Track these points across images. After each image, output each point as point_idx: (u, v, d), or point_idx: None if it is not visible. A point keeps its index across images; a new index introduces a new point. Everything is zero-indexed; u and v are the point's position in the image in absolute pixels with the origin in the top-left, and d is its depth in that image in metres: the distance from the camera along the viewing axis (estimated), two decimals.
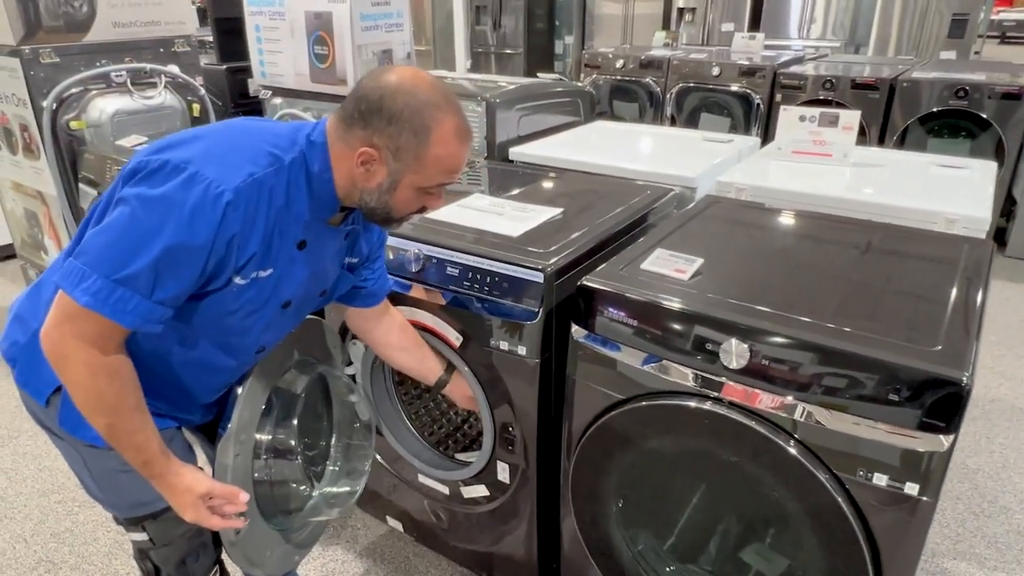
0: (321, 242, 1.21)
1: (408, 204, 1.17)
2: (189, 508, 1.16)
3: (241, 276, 1.09)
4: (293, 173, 1.10)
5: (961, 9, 6.68)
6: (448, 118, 1.10)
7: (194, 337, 1.16)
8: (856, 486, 1.18)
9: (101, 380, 1.04)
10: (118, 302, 0.99)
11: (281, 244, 1.12)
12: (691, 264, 1.45)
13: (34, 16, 2.54)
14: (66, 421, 1.17)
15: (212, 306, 1.11)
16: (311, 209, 1.14)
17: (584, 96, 2.96)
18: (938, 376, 1.07)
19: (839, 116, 2.19)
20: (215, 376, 1.26)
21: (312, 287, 1.26)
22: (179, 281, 1.02)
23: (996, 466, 2.41)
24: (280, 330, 1.29)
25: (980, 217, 1.73)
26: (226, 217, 1.01)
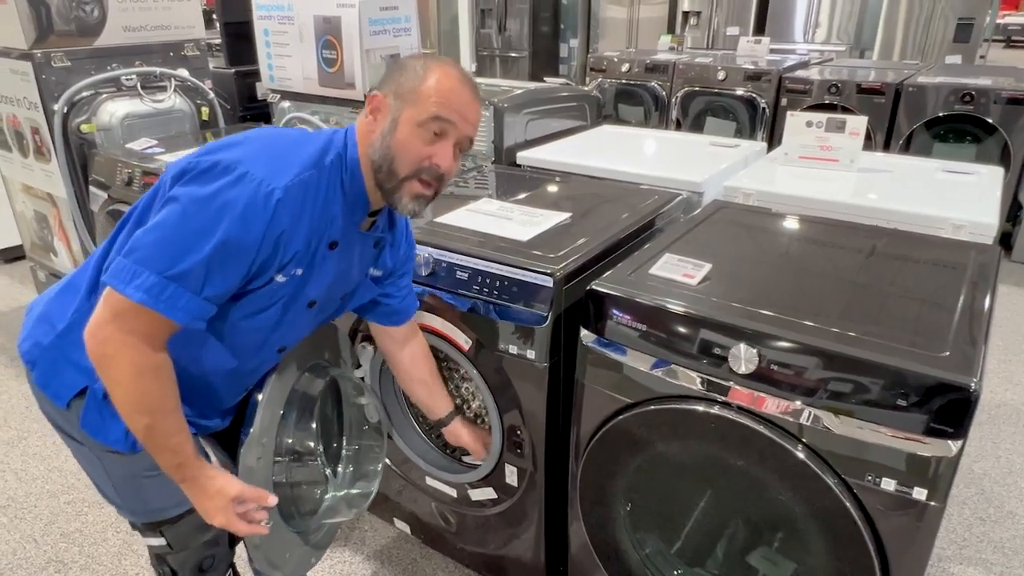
0: (351, 245, 1.23)
1: (409, 144, 1.13)
2: (219, 512, 1.16)
3: (283, 274, 1.12)
4: (332, 174, 1.14)
5: (966, 13, 6.68)
6: (449, 65, 1.17)
7: (225, 335, 1.17)
8: (864, 491, 1.19)
9: (147, 379, 1.05)
10: (171, 298, 1.00)
11: (316, 244, 1.15)
12: (700, 269, 1.46)
13: (46, 20, 2.56)
14: (88, 425, 1.17)
15: (248, 304, 1.13)
16: (344, 210, 1.17)
17: (591, 100, 2.98)
18: (946, 381, 1.08)
19: (846, 122, 2.19)
20: (240, 377, 1.27)
21: (336, 289, 1.28)
22: (227, 278, 1.05)
23: (1002, 471, 2.41)
24: (301, 330, 1.30)
25: (987, 223, 1.73)
26: (276, 214, 1.04)
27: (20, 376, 3.04)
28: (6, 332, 3.42)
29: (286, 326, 1.23)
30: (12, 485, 2.38)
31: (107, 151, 2.62)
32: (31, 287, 3.64)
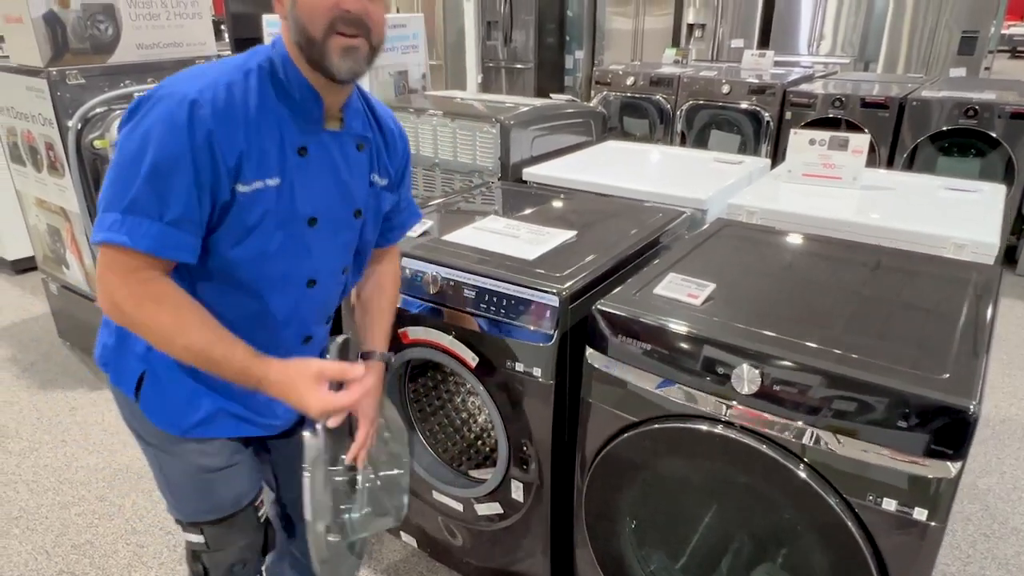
0: (326, 149, 1.20)
1: (310, 4, 1.07)
2: (311, 395, 1.11)
3: (242, 183, 1.09)
4: (262, 76, 1.12)
5: (970, 26, 6.71)
6: None
7: (231, 272, 1.16)
8: (866, 510, 1.20)
9: (149, 308, 1.07)
10: (131, 228, 1.03)
11: (279, 150, 1.13)
12: (703, 289, 1.49)
13: (61, 39, 2.61)
14: (148, 407, 1.24)
15: (231, 229, 1.11)
16: (294, 109, 1.14)
17: (596, 116, 3.01)
18: (946, 404, 1.10)
19: (849, 140, 2.22)
20: (276, 328, 1.24)
21: (338, 203, 1.24)
22: (179, 195, 1.04)
23: (1007, 487, 2.42)
24: (323, 257, 1.25)
25: (988, 243, 1.75)
26: (193, 115, 1.03)
27: (31, 387, 3.08)
28: (18, 343, 3.47)
29: (296, 252, 1.19)
30: (24, 496, 2.41)
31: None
32: (42, 298, 3.69)
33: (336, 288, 1.34)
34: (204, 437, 1.27)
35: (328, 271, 1.28)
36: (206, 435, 1.27)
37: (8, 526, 2.27)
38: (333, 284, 1.31)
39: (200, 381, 1.24)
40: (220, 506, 1.33)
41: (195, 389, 1.24)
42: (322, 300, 1.31)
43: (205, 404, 1.25)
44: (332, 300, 1.35)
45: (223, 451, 1.31)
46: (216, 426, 1.28)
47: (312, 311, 1.30)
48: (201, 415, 1.25)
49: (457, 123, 2.62)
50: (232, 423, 1.29)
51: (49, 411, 2.90)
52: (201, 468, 1.29)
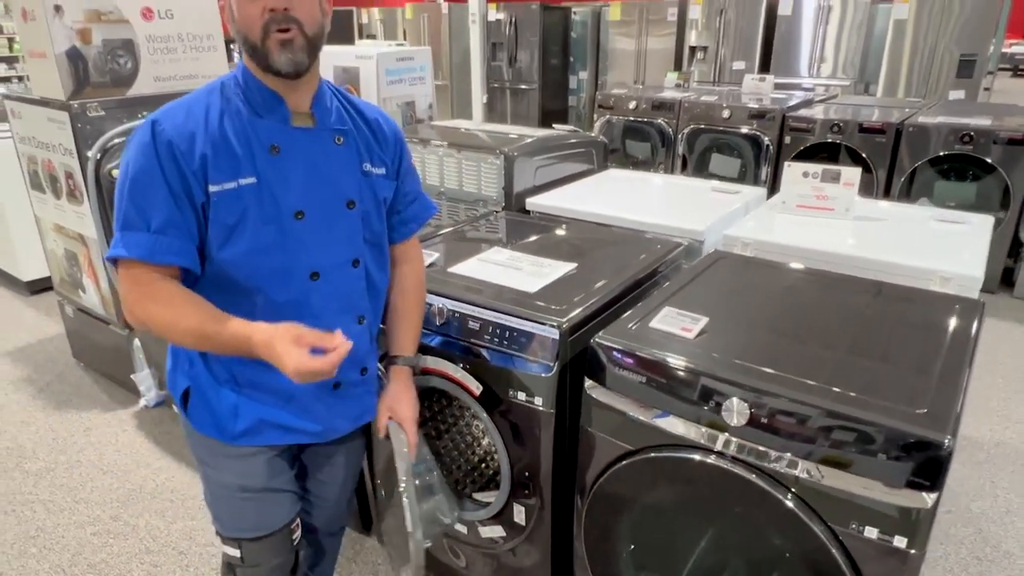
0: (300, 146, 1.28)
1: (244, 12, 1.17)
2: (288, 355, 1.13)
3: (212, 183, 1.20)
4: (227, 90, 1.25)
5: (969, 50, 6.81)
6: None
7: (230, 272, 1.25)
8: (849, 538, 1.27)
9: (150, 306, 1.21)
10: (127, 241, 1.19)
11: (249, 151, 1.22)
12: (697, 323, 1.56)
13: (83, 73, 2.72)
14: (195, 417, 1.37)
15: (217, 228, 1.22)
16: (258, 111, 1.24)
17: (597, 145, 3.10)
18: (922, 438, 1.16)
19: (840, 172, 2.30)
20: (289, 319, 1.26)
21: (325, 195, 1.30)
22: (158, 204, 1.18)
23: (1000, 511, 2.46)
24: (323, 249, 1.31)
25: (973, 276, 1.82)
26: (155, 132, 1.18)
27: (47, 408, 3.16)
28: (32, 364, 3.55)
29: (289, 245, 1.27)
30: (41, 516, 2.48)
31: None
32: (56, 319, 3.78)
33: (352, 282, 1.38)
34: (251, 445, 1.37)
35: (332, 263, 1.34)
36: (252, 443, 1.37)
37: (26, 545, 2.34)
38: (344, 277, 1.36)
39: (241, 393, 1.35)
40: (258, 525, 1.43)
41: (237, 401, 1.35)
42: (335, 293, 1.35)
43: (247, 415, 1.35)
44: (352, 294, 1.39)
45: (264, 473, 1.41)
46: (261, 435, 1.38)
47: (326, 305, 1.34)
48: (245, 425, 1.36)
49: (463, 154, 2.71)
50: (276, 433, 1.38)
51: (64, 431, 2.98)
52: (243, 488, 1.40)
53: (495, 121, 10.24)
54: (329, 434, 1.46)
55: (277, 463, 1.43)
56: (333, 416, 1.44)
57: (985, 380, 3.34)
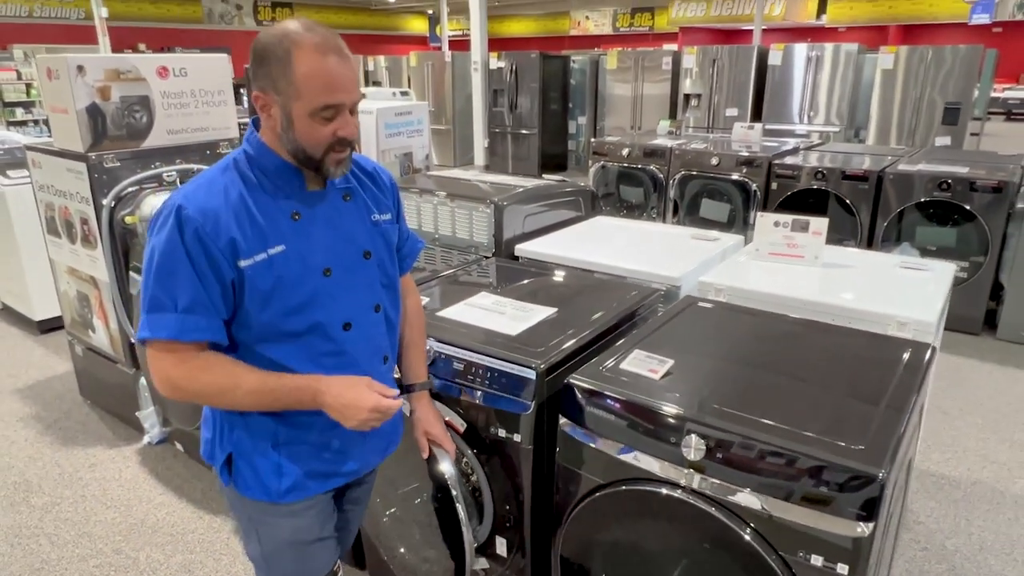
0: (317, 209, 1.35)
1: (312, 134, 1.25)
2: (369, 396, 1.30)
3: (243, 258, 1.25)
4: (240, 166, 1.30)
5: (953, 98, 7.04)
6: (307, 38, 1.21)
7: (268, 332, 1.31)
8: (798, 565, 1.37)
9: (203, 377, 1.27)
10: (154, 323, 1.24)
11: (274, 222, 1.29)
12: (663, 365, 1.68)
13: (101, 127, 2.90)
14: (241, 484, 1.40)
15: (252, 296, 1.27)
16: (275, 183, 1.31)
17: (585, 194, 3.26)
18: (858, 471, 1.28)
19: (809, 222, 2.44)
20: (333, 371, 1.36)
21: (345, 250, 1.38)
22: (184, 286, 1.23)
23: (974, 548, 2.53)
24: (351, 300, 1.39)
25: (927, 321, 1.94)
26: (180, 216, 1.22)
27: (54, 444, 3.27)
28: (40, 401, 3.67)
29: (323, 301, 1.34)
30: (46, 549, 2.57)
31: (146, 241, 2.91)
32: (65, 357, 3.91)
33: (376, 326, 1.46)
34: (297, 500, 1.42)
35: (360, 312, 1.41)
36: (299, 498, 1.42)
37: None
38: (370, 323, 1.44)
39: (282, 452, 1.40)
40: (310, 573, 1.50)
41: (279, 460, 1.40)
42: (365, 339, 1.42)
43: (291, 472, 1.40)
44: (379, 339, 1.47)
45: (316, 525, 1.47)
46: (305, 489, 1.42)
47: (360, 351, 1.41)
48: (290, 481, 1.40)
49: (455, 203, 2.87)
50: (317, 482, 1.44)
51: (70, 467, 3.08)
52: (297, 542, 1.46)
53: (497, 165, 10.49)
54: (364, 470, 1.54)
55: (325, 512, 1.50)
56: (366, 453, 1.51)
57: (965, 420, 3.43)
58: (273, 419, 1.37)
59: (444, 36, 16.96)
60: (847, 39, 7.61)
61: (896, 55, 7.26)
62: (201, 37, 19.65)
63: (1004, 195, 4.16)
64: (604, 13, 24.21)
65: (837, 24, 19.51)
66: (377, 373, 1.44)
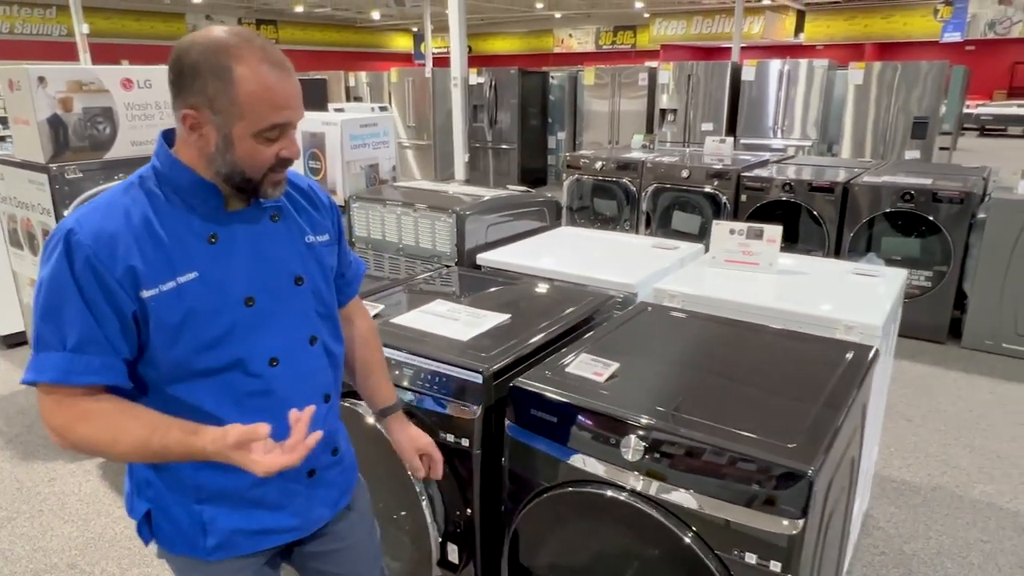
0: (238, 231, 1.20)
1: (255, 156, 1.12)
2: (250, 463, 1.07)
3: (147, 288, 1.10)
4: (147, 183, 1.15)
5: (921, 113, 7.17)
6: (247, 52, 1.08)
7: (195, 370, 1.16)
8: (734, 564, 1.38)
9: (82, 428, 1.10)
10: (39, 364, 1.09)
11: (183, 247, 1.14)
12: (608, 368, 1.69)
13: (63, 138, 2.90)
14: (164, 540, 1.26)
15: (159, 329, 1.12)
16: (189, 202, 1.15)
17: (550, 204, 3.28)
18: (788, 469, 1.29)
19: (764, 229, 2.47)
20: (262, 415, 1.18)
21: (272, 276, 1.23)
22: (73, 322, 1.07)
23: (931, 552, 2.55)
24: (278, 332, 1.24)
25: (873, 324, 1.97)
26: (69, 243, 1.07)
27: (13, 459, 3.22)
28: (4, 415, 3.62)
29: (242, 335, 1.19)
30: None
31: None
32: None
33: (312, 360, 1.29)
34: (228, 558, 1.27)
35: (290, 345, 1.25)
36: (225, 557, 1.26)
37: None
38: (304, 357, 1.27)
39: (206, 508, 1.24)
40: None
41: (203, 516, 1.24)
42: (298, 376, 1.26)
43: (217, 529, 1.24)
44: (317, 375, 1.31)
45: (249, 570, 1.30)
46: (236, 547, 1.26)
47: (292, 389, 1.25)
48: (217, 539, 1.24)
49: (418, 212, 2.88)
50: (251, 540, 1.27)
51: (29, 481, 3.04)
52: None
53: (478, 180, 10.54)
54: (310, 526, 1.34)
55: (264, 573, 1.33)
56: (312, 506, 1.33)
57: (928, 427, 3.46)
58: (195, 469, 1.21)
59: (428, 53, 17.10)
60: (824, 57, 7.74)
61: (866, 71, 7.40)
62: None
63: (966, 206, 4.23)
64: (587, 31, 24.56)
65: (814, 42, 19.93)
66: (317, 414, 1.23)
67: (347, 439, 1.45)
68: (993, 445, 3.28)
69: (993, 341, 4.30)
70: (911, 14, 18.23)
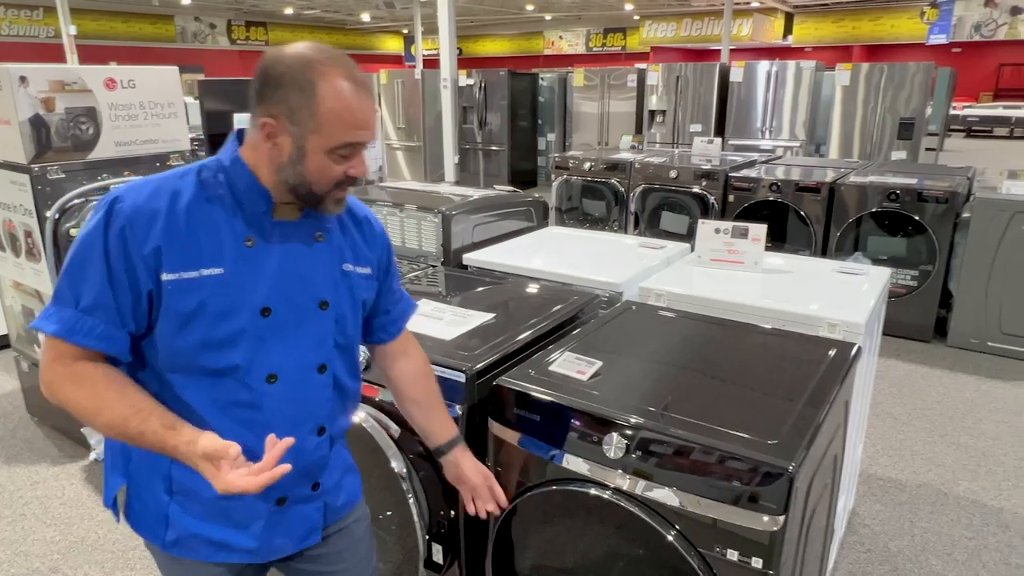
0: (276, 241, 1.20)
1: (324, 172, 1.15)
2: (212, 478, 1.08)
3: (168, 272, 1.11)
4: (205, 174, 1.17)
5: (907, 114, 7.22)
6: (332, 69, 1.11)
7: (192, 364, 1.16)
8: (716, 561, 1.38)
9: (68, 389, 1.12)
10: (50, 314, 1.11)
11: (217, 241, 1.15)
12: (591, 366, 1.69)
13: (45, 139, 2.87)
14: (132, 519, 1.26)
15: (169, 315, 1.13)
16: (238, 201, 1.17)
17: (536, 205, 3.28)
18: (769, 465, 1.29)
19: (749, 228, 2.48)
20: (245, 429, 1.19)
21: (296, 293, 1.22)
22: (91, 284, 1.09)
23: (916, 548, 2.57)
24: (285, 350, 1.21)
25: (855, 322, 1.98)
26: (112, 209, 1.10)
27: None
28: None
29: (247, 343, 1.17)
30: None
31: None
32: (14, 375, 3.82)
33: (314, 389, 1.26)
34: (185, 558, 1.25)
35: (293, 366, 1.22)
36: (182, 556, 1.25)
37: None
38: (306, 383, 1.24)
39: (173, 500, 1.22)
40: None
41: (167, 508, 1.23)
42: (293, 400, 1.23)
43: (177, 525, 1.23)
44: (313, 402, 1.27)
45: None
46: (191, 549, 1.24)
47: (280, 411, 1.22)
48: (175, 535, 1.23)
49: (404, 212, 2.87)
50: (207, 548, 1.25)
51: (11, 485, 3.00)
52: None
53: (468, 181, 10.53)
54: (267, 554, 1.29)
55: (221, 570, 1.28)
56: (273, 534, 1.28)
57: (914, 425, 3.48)
58: (170, 460, 1.18)
59: (418, 55, 17.08)
60: (812, 59, 7.79)
61: (853, 72, 7.45)
62: (174, 56, 19.56)
63: (951, 205, 4.26)
64: (577, 33, 24.61)
65: (803, 44, 20.04)
66: (305, 444, 1.24)
67: (347, 476, 1.40)
68: (978, 443, 3.30)
69: (978, 340, 4.33)
70: (898, 16, 18.37)
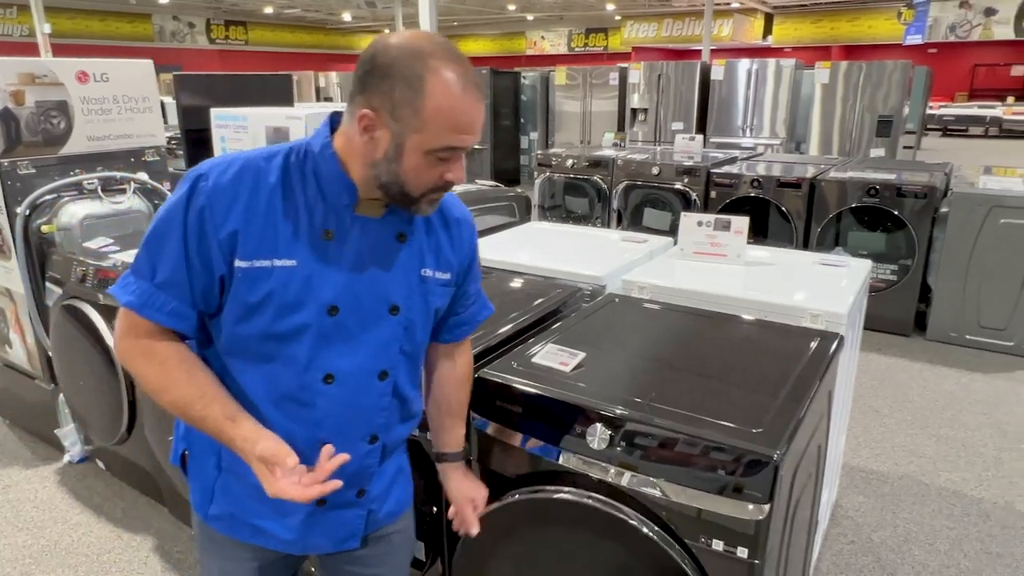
0: (355, 237, 1.15)
1: (420, 173, 1.08)
2: (264, 480, 1.09)
3: (240, 258, 1.08)
4: (292, 159, 1.12)
5: (885, 112, 7.29)
6: (446, 65, 1.02)
7: (251, 354, 1.14)
8: (701, 551, 1.36)
9: (139, 362, 1.12)
10: (126, 284, 1.10)
11: (295, 232, 1.11)
12: (574, 358, 1.67)
13: (15, 133, 2.80)
14: (191, 483, 1.29)
15: (235, 303, 1.11)
16: (322, 191, 1.12)
17: (520, 200, 3.26)
18: (753, 453, 1.28)
19: (731, 221, 2.47)
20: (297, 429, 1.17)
21: (366, 295, 1.17)
22: (168, 260, 1.08)
23: (899, 539, 2.58)
24: (347, 352, 1.17)
25: (838, 312, 1.98)
26: (195, 187, 1.07)
27: None
28: None
29: (310, 340, 1.14)
30: None
31: (65, 250, 2.81)
32: None
33: (373, 396, 1.22)
34: (223, 534, 1.26)
35: (353, 370, 1.18)
36: (220, 531, 1.26)
37: None
38: (364, 388, 1.20)
39: (220, 476, 1.23)
40: None
41: (215, 481, 1.24)
42: (347, 404, 1.19)
43: (220, 501, 1.24)
44: (369, 410, 1.22)
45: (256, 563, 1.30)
46: (229, 527, 1.25)
47: (332, 414, 1.18)
48: (217, 510, 1.25)
49: None
50: (244, 530, 1.25)
51: None
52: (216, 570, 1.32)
53: None
54: (302, 548, 1.28)
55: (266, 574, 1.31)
56: (312, 532, 1.26)
57: (895, 417, 3.50)
58: None
59: None
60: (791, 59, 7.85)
61: (832, 70, 7.52)
62: (152, 55, 19.27)
63: (929, 200, 4.31)
64: (559, 34, 24.64)
65: (782, 44, 20.21)
66: (355, 450, 1.20)
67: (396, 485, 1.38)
68: (958, 434, 3.33)
69: (957, 333, 4.37)
70: (876, 17, 18.59)
